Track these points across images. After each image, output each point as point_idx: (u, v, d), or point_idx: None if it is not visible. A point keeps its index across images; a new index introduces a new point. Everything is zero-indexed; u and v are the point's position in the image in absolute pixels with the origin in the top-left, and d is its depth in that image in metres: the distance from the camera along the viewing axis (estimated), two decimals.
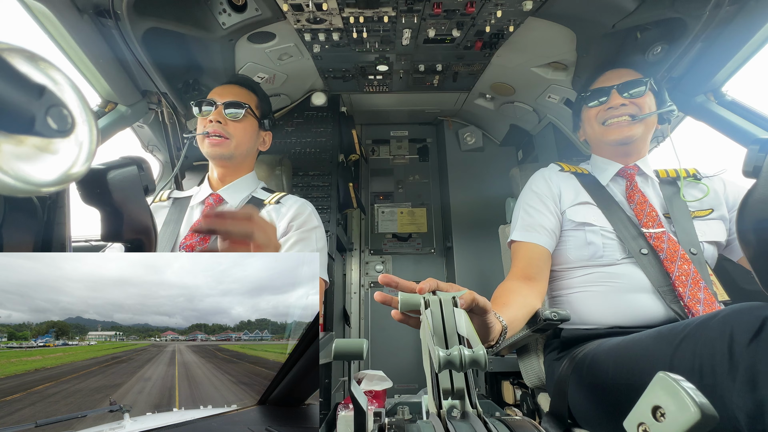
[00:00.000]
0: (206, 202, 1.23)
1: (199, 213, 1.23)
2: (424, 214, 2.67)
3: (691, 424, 0.28)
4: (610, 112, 1.14)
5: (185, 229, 1.19)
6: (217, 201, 1.23)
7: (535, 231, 1.11)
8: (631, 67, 1.20)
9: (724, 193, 1.13)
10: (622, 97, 1.13)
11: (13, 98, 0.26)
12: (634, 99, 1.13)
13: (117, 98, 1.40)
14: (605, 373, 0.82)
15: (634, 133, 1.13)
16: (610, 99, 1.14)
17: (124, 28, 1.20)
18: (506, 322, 0.77)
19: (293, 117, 2.08)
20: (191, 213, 1.24)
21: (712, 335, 0.63)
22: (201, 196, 1.26)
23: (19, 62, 0.27)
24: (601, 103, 1.16)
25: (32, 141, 0.27)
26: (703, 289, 0.95)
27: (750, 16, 1.12)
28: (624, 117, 1.12)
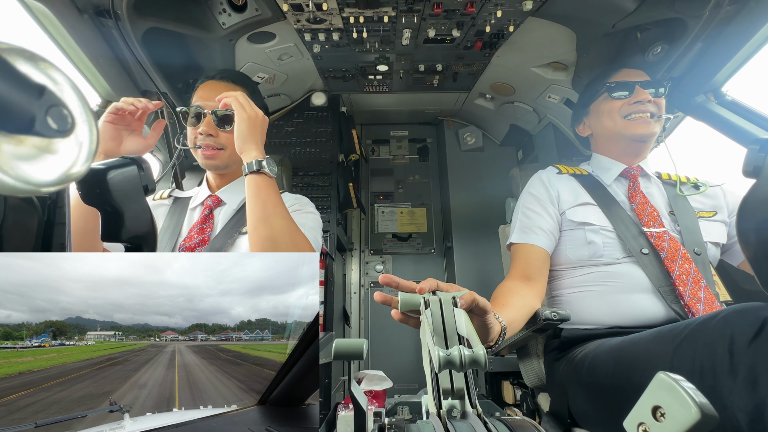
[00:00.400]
0: (205, 203, 1.22)
1: (198, 215, 1.22)
2: (424, 214, 2.67)
3: (691, 424, 0.28)
4: (636, 107, 1.13)
5: (186, 229, 1.19)
6: (216, 203, 1.22)
7: (533, 233, 1.12)
8: (649, 70, 1.20)
9: (724, 200, 1.14)
10: (649, 94, 1.13)
11: (13, 98, 0.26)
12: (656, 98, 1.14)
13: (117, 98, 1.40)
14: (605, 374, 0.82)
15: (655, 130, 1.13)
16: (636, 93, 1.14)
17: (124, 28, 1.20)
18: (505, 322, 0.77)
19: (293, 117, 2.08)
20: (191, 215, 1.23)
21: (712, 336, 0.63)
22: (200, 198, 1.25)
23: (19, 62, 0.27)
24: (627, 96, 1.15)
25: (32, 141, 0.27)
26: (703, 289, 0.95)
27: (750, 16, 1.12)
28: (646, 113, 1.12)
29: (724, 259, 1.12)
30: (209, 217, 1.19)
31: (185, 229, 1.19)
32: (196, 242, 1.12)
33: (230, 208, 1.22)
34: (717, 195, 1.15)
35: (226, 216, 1.20)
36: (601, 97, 1.20)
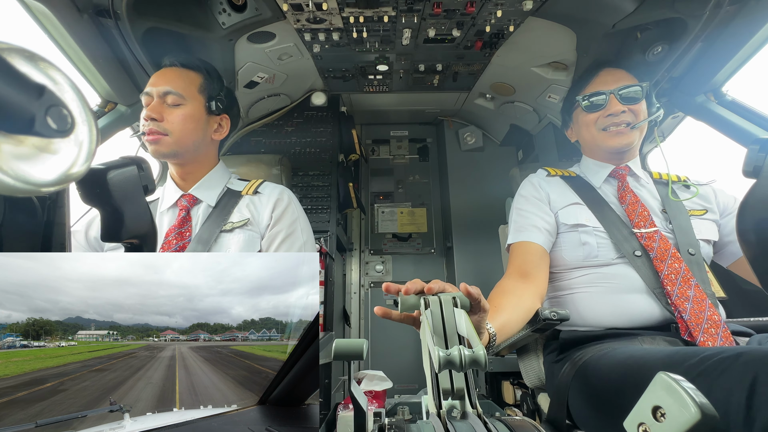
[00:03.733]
0: (179, 204, 1.14)
1: (172, 217, 1.12)
2: (424, 214, 2.67)
3: (692, 424, 0.28)
4: (610, 119, 1.13)
5: (160, 235, 1.08)
6: (191, 202, 1.14)
7: (527, 230, 1.13)
8: (626, 68, 1.19)
9: (715, 200, 1.14)
10: (620, 103, 1.12)
11: (13, 98, 0.26)
12: (631, 105, 1.12)
13: (117, 98, 1.40)
14: (609, 387, 0.80)
15: (632, 140, 1.13)
16: (609, 105, 1.13)
17: (123, 28, 1.20)
18: (496, 328, 0.79)
19: (293, 117, 2.08)
20: (162, 218, 1.13)
21: (730, 380, 0.58)
22: (171, 199, 1.15)
23: (19, 62, 0.27)
24: (600, 109, 1.14)
25: (32, 141, 0.27)
26: (693, 287, 0.94)
27: (750, 16, 1.12)
28: (622, 124, 1.12)
29: (715, 260, 1.13)
30: (187, 219, 1.11)
31: None
32: (175, 249, 1.04)
33: (207, 206, 1.14)
34: (708, 194, 1.15)
35: (205, 215, 1.12)
36: (579, 108, 1.20)
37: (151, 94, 1.08)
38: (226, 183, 1.21)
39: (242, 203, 1.16)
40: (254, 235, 1.11)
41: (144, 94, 1.10)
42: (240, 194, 1.18)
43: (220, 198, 1.16)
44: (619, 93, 1.12)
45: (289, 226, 1.15)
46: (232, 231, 1.09)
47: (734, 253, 1.09)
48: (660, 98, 1.46)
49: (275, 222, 1.14)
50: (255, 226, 1.13)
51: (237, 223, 1.10)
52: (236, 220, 1.10)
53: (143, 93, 1.10)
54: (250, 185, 1.20)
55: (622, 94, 1.12)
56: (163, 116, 1.07)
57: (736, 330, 0.96)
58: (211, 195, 1.15)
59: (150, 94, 1.08)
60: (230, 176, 1.25)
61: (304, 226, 1.19)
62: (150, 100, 1.08)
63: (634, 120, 1.12)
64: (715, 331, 0.89)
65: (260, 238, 1.14)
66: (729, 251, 1.10)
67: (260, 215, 1.14)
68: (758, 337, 0.91)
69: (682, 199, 1.12)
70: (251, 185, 1.20)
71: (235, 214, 1.12)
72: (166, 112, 1.07)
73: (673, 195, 1.13)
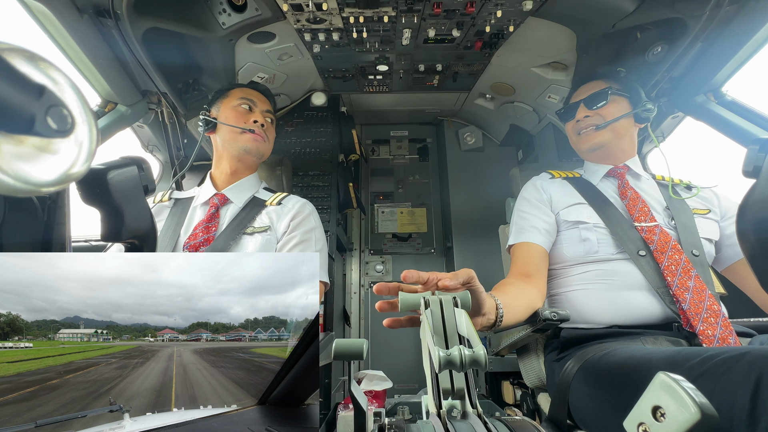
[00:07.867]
0: (210, 202, 1.24)
1: (202, 213, 1.23)
2: (424, 214, 2.67)
3: (691, 424, 0.28)
4: (579, 125, 1.24)
5: (187, 229, 1.19)
6: (222, 201, 1.24)
7: (528, 231, 1.15)
8: (606, 77, 1.27)
9: (718, 203, 1.15)
10: (588, 109, 1.22)
11: (13, 98, 0.26)
12: (598, 109, 1.21)
13: (117, 98, 1.40)
14: (610, 388, 0.79)
15: (600, 140, 1.20)
16: (577, 112, 1.25)
17: (123, 28, 1.20)
18: (502, 303, 0.80)
19: (293, 117, 2.08)
20: (193, 213, 1.24)
21: (734, 379, 0.57)
22: (205, 196, 1.26)
23: (19, 62, 0.27)
24: (572, 118, 1.27)
25: (32, 141, 0.27)
26: (693, 278, 0.94)
27: (750, 16, 1.12)
28: (589, 128, 1.21)
29: (712, 264, 1.13)
30: (215, 215, 1.21)
31: (185, 229, 1.19)
32: (200, 241, 1.13)
33: (236, 207, 1.23)
34: (710, 197, 1.17)
35: (232, 215, 1.21)
36: (562, 120, 1.33)
37: (256, 104, 1.32)
38: (255, 192, 1.32)
39: (264, 212, 1.25)
40: (271, 239, 1.20)
41: (246, 99, 1.31)
42: (264, 204, 1.27)
43: (246, 203, 1.26)
44: (587, 101, 1.23)
45: (304, 233, 1.22)
46: (252, 234, 1.18)
47: (729, 257, 1.09)
48: (660, 98, 1.46)
49: (292, 228, 1.22)
50: (273, 232, 1.22)
51: (258, 228, 1.20)
52: (258, 226, 1.21)
53: (246, 100, 1.31)
54: (275, 197, 1.31)
55: (587, 100, 1.23)
56: (268, 125, 1.32)
57: (737, 330, 0.95)
58: (240, 198, 1.27)
59: (253, 103, 1.31)
60: (260, 186, 1.36)
61: (320, 236, 1.27)
62: (250, 107, 1.31)
63: (602, 120, 1.20)
64: (714, 320, 0.89)
65: (276, 243, 1.22)
66: (725, 255, 1.10)
67: (280, 223, 1.23)
68: (760, 338, 0.91)
69: (685, 197, 1.13)
70: (276, 197, 1.30)
71: (258, 220, 1.22)
72: (266, 124, 1.32)
73: (674, 194, 1.15)
